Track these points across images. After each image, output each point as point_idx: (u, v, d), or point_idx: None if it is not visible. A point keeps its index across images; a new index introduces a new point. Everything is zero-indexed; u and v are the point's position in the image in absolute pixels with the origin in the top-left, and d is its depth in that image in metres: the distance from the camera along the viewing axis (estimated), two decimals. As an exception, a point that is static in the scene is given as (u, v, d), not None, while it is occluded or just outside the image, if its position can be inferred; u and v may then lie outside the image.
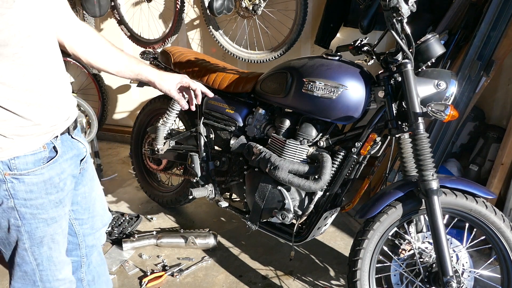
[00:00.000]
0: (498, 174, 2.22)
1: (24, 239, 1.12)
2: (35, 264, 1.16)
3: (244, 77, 2.04)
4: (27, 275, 1.18)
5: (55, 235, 1.17)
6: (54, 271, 1.21)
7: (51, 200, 1.12)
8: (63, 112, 1.14)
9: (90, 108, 2.87)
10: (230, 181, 2.10)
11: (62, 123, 1.14)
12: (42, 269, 1.18)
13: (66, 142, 1.17)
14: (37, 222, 1.12)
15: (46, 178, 1.10)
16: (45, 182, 1.10)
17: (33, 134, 1.06)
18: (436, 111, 1.44)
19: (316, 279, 2.08)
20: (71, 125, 1.19)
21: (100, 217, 1.40)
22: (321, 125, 1.78)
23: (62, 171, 1.14)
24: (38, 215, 1.11)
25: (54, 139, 1.12)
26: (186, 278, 2.11)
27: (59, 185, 1.14)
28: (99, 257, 1.48)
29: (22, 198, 1.07)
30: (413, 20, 1.58)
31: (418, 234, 1.73)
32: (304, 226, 1.87)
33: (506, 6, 2.13)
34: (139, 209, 2.79)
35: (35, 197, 1.09)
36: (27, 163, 1.06)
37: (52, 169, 1.11)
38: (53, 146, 1.11)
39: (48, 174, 1.10)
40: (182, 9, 3.04)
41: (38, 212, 1.11)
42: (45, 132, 1.08)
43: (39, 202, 1.10)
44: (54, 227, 1.16)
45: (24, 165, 1.05)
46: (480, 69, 2.21)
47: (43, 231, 1.14)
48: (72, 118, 1.20)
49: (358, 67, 1.69)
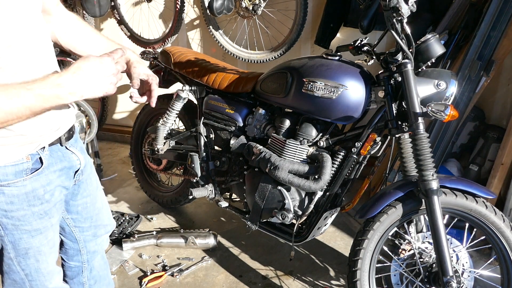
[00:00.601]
0: (498, 174, 2.22)
1: (8, 249, 1.09)
2: (23, 274, 1.14)
3: (244, 77, 2.04)
4: (17, 283, 1.15)
5: (41, 246, 1.13)
6: (44, 282, 1.18)
7: (34, 212, 1.07)
8: (53, 123, 1.07)
9: (90, 108, 2.87)
10: (230, 181, 2.10)
11: (52, 133, 1.07)
12: (31, 279, 1.16)
13: (55, 153, 1.11)
14: (20, 233, 1.07)
15: (28, 190, 1.04)
16: (27, 194, 1.04)
17: (15, 144, 0.99)
18: (436, 111, 1.44)
19: (316, 279, 2.08)
20: (64, 136, 1.12)
21: (103, 226, 1.38)
22: (321, 125, 1.77)
23: (48, 182, 1.08)
24: (21, 226, 1.07)
25: (41, 150, 1.05)
26: (186, 278, 2.11)
27: (44, 197, 1.08)
28: (102, 261, 1.47)
29: (2, 209, 1.02)
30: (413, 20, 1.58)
31: (418, 234, 1.73)
32: (304, 226, 1.87)
33: (506, 6, 2.13)
34: (139, 209, 2.79)
35: (16, 208, 1.04)
36: (7, 174, 0.99)
37: (36, 181, 1.05)
38: (39, 157, 1.05)
39: (31, 186, 1.04)
40: (182, 9, 3.04)
41: (20, 223, 1.06)
42: (29, 142, 1.01)
43: (20, 213, 1.05)
44: (39, 239, 1.11)
45: (3, 176, 0.99)
46: (480, 69, 2.21)
47: (27, 242, 1.09)
48: (64, 129, 1.12)
49: (358, 67, 1.69)
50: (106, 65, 0.96)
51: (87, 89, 0.93)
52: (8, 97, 0.85)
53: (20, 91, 0.86)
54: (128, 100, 3.88)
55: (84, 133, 2.90)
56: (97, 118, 3.28)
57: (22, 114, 0.88)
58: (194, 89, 2.18)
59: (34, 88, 0.88)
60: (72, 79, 0.91)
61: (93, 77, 0.93)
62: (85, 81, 0.93)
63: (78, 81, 0.92)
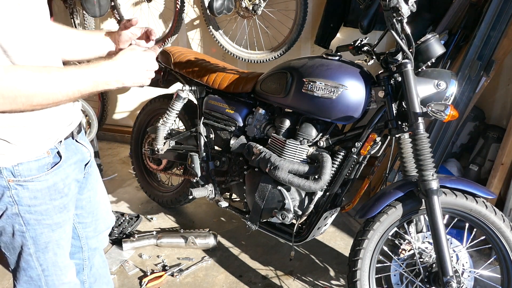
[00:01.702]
0: (498, 174, 2.22)
1: (29, 245, 1.11)
2: (41, 269, 1.16)
3: (244, 77, 2.04)
4: (33, 280, 1.17)
5: (60, 240, 1.16)
6: (60, 276, 1.20)
7: (55, 206, 1.11)
8: (67, 117, 1.12)
9: (90, 108, 2.87)
10: (230, 181, 2.10)
11: (66, 128, 1.13)
12: (47, 274, 1.17)
13: (70, 146, 1.16)
14: (42, 228, 1.11)
15: (50, 184, 1.08)
16: (49, 188, 1.08)
17: (37, 140, 1.04)
18: (436, 111, 1.44)
19: (316, 279, 2.08)
20: (75, 130, 1.18)
21: (103, 220, 1.39)
22: (321, 125, 1.78)
23: (66, 176, 1.13)
24: (43, 220, 1.10)
25: (58, 144, 1.10)
26: (186, 278, 2.11)
27: (64, 190, 1.13)
28: (101, 259, 1.48)
29: (26, 204, 1.06)
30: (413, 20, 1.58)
31: (418, 234, 1.73)
32: (304, 226, 1.87)
33: (506, 6, 2.13)
34: (139, 209, 2.79)
35: (39, 203, 1.08)
36: (31, 169, 1.04)
37: (56, 175, 1.10)
38: (57, 151, 1.10)
39: (52, 180, 1.09)
40: (182, 9, 3.04)
41: (42, 218, 1.10)
42: (48, 137, 1.06)
43: (43, 208, 1.09)
44: (59, 232, 1.15)
45: (28, 171, 1.03)
46: (480, 69, 2.21)
47: (48, 236, 1.13)
48: (75, 123, 1.18)
49: (358, 67, 1.69)
50: (149, 58, 1.06)
51: (130, 78, 1.03)
52: (65, 79, 0.94)
53: (76, 74, 0.95)
54: (128, 100, 3.90)
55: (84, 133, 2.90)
56: (97, 118, 3.28)
57: (72, 97, 0.96)
58: (194, 89, 2.18)
59: (89, 73, 0.97)
60: (119, 67, 1.01)
61: (136, 68, 1.03)
62: (129, 70, 1.02)
63: (124, 69, 1.01)
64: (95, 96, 3.70)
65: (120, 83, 1.02)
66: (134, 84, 1.04)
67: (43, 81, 0.91)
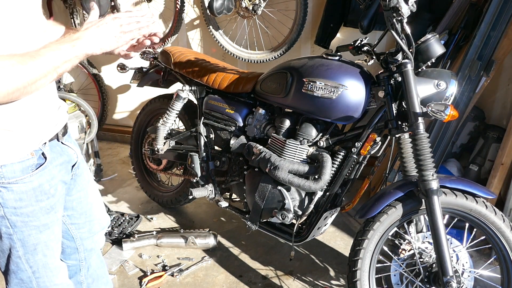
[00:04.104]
0: (498, 174, 2.22)
1: (17, 247, 1.10)
2: (31, 271, 1.15)
3: (244, 77, 2.04)
4: (24, 283, 1.16)
5: (48, 241, 1.15)
6: (51, 277, 1.19)
7: (42, 207, 1.10)
8: (51, 118, 1.12)
9: (90, 108, 2.86)
10: (230, 181, 2.10)
11: (51, 129, 1.12)
12: (38, 276, 1.16)
13: (55, 148, 1.15)
14: (29, 230, 1.10)
15: (35, 186, 1.08)
16: (34, 189, 1.08)
17: (20, 142, 1.03)
18: (436, 111, 1.44)
19: (316, 279, 2.08)
20: (60, 131, 1.17)
21: (97, 220, 1.38)
22: (321, 125, 1.78)
23: (52, 177, 1.12)
24: (30, 222, 1.09)
25: (43, 146, 1.09)
26: (186, 278, 2.11)
27: (50, 191, 1.12)
28: (98, 260, 1.48)
29: (11, 206, 1.05)
30: (413, 20, 1.58)
31: (418, 234, 1.73)
32: (304, 226, 1.87)
33: (506, 6, 2.13)
34: (139, 209, 2.79)
35: (25, 205, 1.07)
36: (15, 171, 1.03)
37: (42, 176, 1.09)
38: (41, 152, 1.09)
39: (38, 181, 1.08)
40: (182, 9, 3.04)
41: (29, 219, 1.09)
42: (32, 139, 1.05)
43: (29, 209, 1.08)
44: (47, 234, 1.14)
45: (11, 173, 1.02)
46: (480, 69, 2.21)
47: (36, 238, 1.12)
48: (61, 124, 1.17)
49: (358, 67, 1.69)
50: (111, 24, 1.05)
51: (99, 42, 1.02)
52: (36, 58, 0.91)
53: (43, 51, 0.93)
54: (128, 100, 3.90)
55: (84, 133, 2.90)
56: (97, 118, 3.28)
57: (47, 74, 0.94)
58: (194, 89, 2.18)
59: (55, 46, 0.95)
60: (86, 33, 1.01)
61: (102, 33, 1.03)
62: (96, 35, 1.02)
63: (91, 34, 1.01)
64: (95, 96, 3.71)
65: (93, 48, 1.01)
66: (107, 48, 1.04)
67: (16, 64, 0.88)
